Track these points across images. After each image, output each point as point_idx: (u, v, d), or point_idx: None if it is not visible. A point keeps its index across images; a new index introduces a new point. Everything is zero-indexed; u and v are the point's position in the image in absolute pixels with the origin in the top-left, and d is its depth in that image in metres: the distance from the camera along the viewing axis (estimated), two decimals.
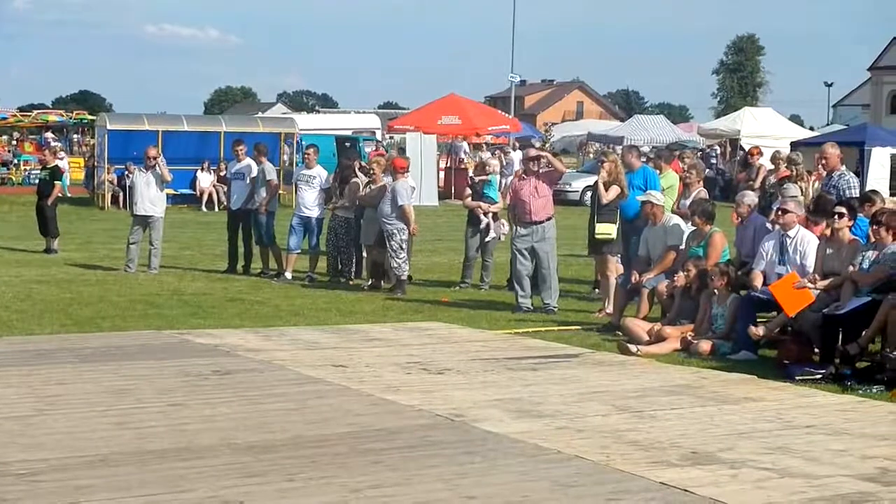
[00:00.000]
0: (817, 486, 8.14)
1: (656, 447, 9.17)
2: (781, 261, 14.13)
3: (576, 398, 11.07)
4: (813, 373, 12.30)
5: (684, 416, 10.42)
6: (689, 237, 15.46)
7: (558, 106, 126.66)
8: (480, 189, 19.97)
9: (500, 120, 48.34)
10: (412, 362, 12.84)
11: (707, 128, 59.18)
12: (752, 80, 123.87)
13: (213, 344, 13.81)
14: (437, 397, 10.96)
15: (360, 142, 47.08)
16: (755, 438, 9.55)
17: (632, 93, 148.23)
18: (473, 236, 19.61)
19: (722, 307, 14.14)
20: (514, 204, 17.50)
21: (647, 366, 13.02)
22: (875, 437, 9.72)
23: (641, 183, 17.38)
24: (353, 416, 10.19)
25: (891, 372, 11.92)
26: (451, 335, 14.95)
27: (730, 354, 13.53)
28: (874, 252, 13.21)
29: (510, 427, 9.79)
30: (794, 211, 14.39)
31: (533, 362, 12.99)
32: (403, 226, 18.89)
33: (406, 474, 8.25)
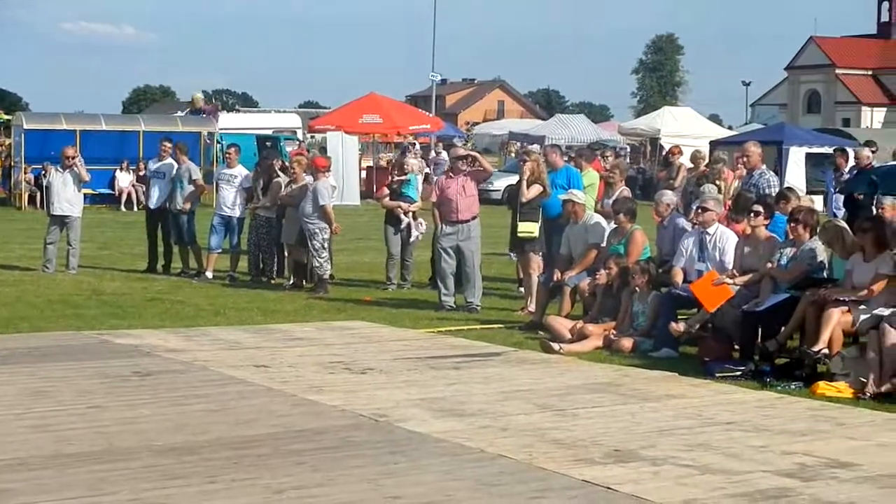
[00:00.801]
0: (737, 482, 8.22)
1: (579, 445, 9.21)
2: (701, 258, 14.26)
3: (499, 397, 11.09)
4: (733, 369, 12.41)
5: (606, 413, 10.47)
6: (610, 235, 15.55)
7: (479, 105, 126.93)
8: (399, 188, 19.95)
9: (421, 119, 48.31)
10: (335, 362, 12.80)
11: (627, 127, 59.61)
12: (671, 79, 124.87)
13: (134, 345, 13.68)
14: (360, 397, 10.93)
15: (281, 141, 46.86)
16: (676, 435, 9.62)
17: (552, 92, 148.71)
18: (396, 235, 19.58)
19: (643, 304, 14.23)
20: (440, 202, 17.50)
21: (569, 364, 13.07)
22: (794, 433, 9.82)
23: (564, 182, 17.46)
24: (275, 416, 10.14)
25: (809, 368, 12.05)
26: (373, 334, 14.93)
27: (651, 352, 13.62)
28: (792, 249, 13.36)
29: (433, 426, 9.78)
30: (713, 209, 14.52)
31: (456, 361, 12.99)
32: (325, 225, 18.84)
33: (330, 475, 8.22)
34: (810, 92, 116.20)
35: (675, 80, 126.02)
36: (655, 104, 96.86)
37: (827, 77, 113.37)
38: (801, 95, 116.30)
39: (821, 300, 12.25)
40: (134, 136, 40.95)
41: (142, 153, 39.50)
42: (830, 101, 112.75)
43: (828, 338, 11.94)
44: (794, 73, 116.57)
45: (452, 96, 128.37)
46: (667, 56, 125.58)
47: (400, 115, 46.26)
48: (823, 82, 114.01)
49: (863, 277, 12.31)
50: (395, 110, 46.57)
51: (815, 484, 8.21)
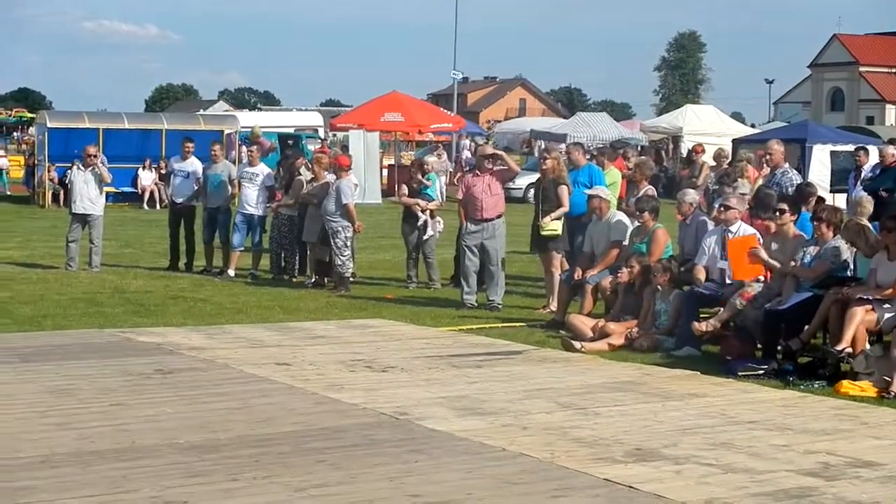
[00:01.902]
0: (760, 481, 8.19)
1: (600, 444, 9.19)
2: (723, 256, 14.21)
3: (520, 395, 11.07)
4: (755, 368, 12.37)
5: (628, 412, 10.45)
6: (633, 233, 15.52)
7: (501, 103, 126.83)
8: (419, 188, 19.94)
9: (442, 117, 48.30)
10: (356, 360, 12.80)
11: (649, 125, 59.48)
12: (693, 77, 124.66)
13: (156, 342, 13.70)
14: (381, 395, 10.93)
15: (303, 139, 46.90)
16: (698, 434, 9.59)
17: (574, 90, 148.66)
18: (411, 233, 19.58)
19: (665, 303, 14.20)
20: (466, 200, 17.51)
21: (591, 362, 13.05)
22: (817, 432, 9.79)
23: (587, 180, 17.46)
24: (296, 414, 10.14)
25: (832, 367, 12.00)
26: (395, 332, 14.92)
27: (673, 350, 13.59)
28: (816, 247, 13.30)
29: (455, 425, 9.77)
30: (736, 207, 14.48)
31: (477, 359, 12.98)
32: (347, 223, 18.86)
33: (350, 473, 8.22)
34: (834, 90, 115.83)
35: (698, 78, 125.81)
36: (678, 102, 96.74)
37: (850, 75, 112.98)
38: (825, 93, 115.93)
39: (844, 299, 12.20)
40: (157, 135, 41.00)
41: (164, 151, 39.56)
42: (854, 98, 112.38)
43: (851, 336, 11.89)
44: (817, 71, 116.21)
45: (474, 94, 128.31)
46: (689, 53, 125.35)
47: (421, 113, 46.25)
48: (847, 80, 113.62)
49: (887, 276, 12.25)
50: (417, 109, 46.55)
51: (838, 483, 8.18)
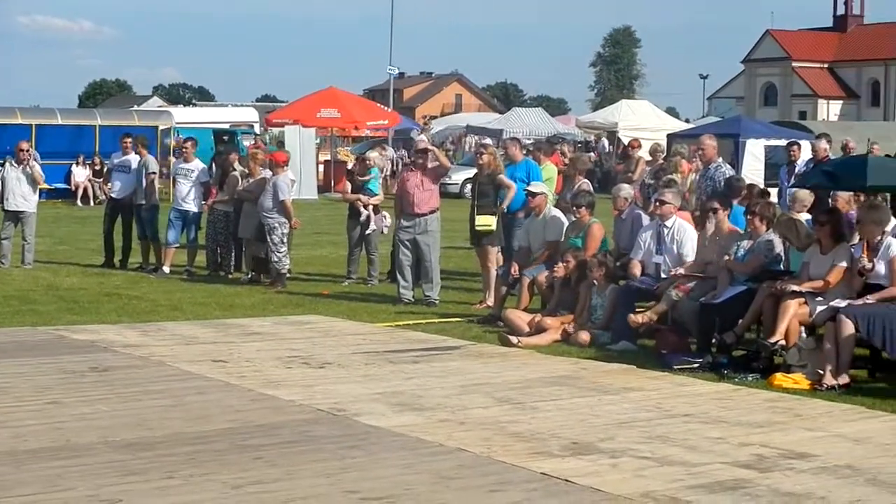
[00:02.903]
0: (695, 473, 8.25)
1: (537, 438, 9.22)
2: (659, 250, 14.30)
3: (457, 390, 11.09)
4: (690, 362, 12.46)
5: (564, 406, 10.49)
6: (569, 228, 15.56)
7: (437, 99, 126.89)
8: (361, 183, 19.90)
9: (378, 113, 48.22)
10: (293, 356, 12.77)
11: (585, 120, 59.68)
12: (628, 72, 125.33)
13: (91, 340, 13.60)
14: (318, 392, 10.91)
15: (238, 135, 46.69)
16: (635, 428, 9.65)
17: (510, 85, 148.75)
18: (354, 229, 19.55)
19: (601, 297, 14.26)
20: (399, 195, 17.55)
21: (527, 357, 13.08)
22: (751, 424, 9.87)
23: (524, 175, 17.49)
24: (233, 411, 10.10)
25: (766, 360, 12.11)
26: (331, 328, 14.90)
27: (609, 344, 13.65)
28: (749, 241, 13.42)
29: (392, 420, 9.77)
30: (671, 202, 14.56)
31: (414, 355, 12.98)
32: (284, 220, 18.81)
33: (288, 470, 8.20)
34: (767, 85, 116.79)
35: (633, 74, 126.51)
36: (613, 97, 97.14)
37: (783, 70, 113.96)
38: (758, 88, 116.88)
39: (778, 292, 12.30)
40: (90, 131, 40.70)
41: (98, 147, 39.26)
42: (787, 94, 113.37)
43: (784, 329, 12.00)
44: (750, 67, 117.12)
45: (410, 90, 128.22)
46: (624, 49, 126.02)
47: (357, 109, 46.14)
48: (780, 75, 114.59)
49: (819, 269, 12.37)
50: (353, 104, 46.44)
51: (772, 475, 8.26)
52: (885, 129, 41.06)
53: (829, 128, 36.75)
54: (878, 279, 11.95)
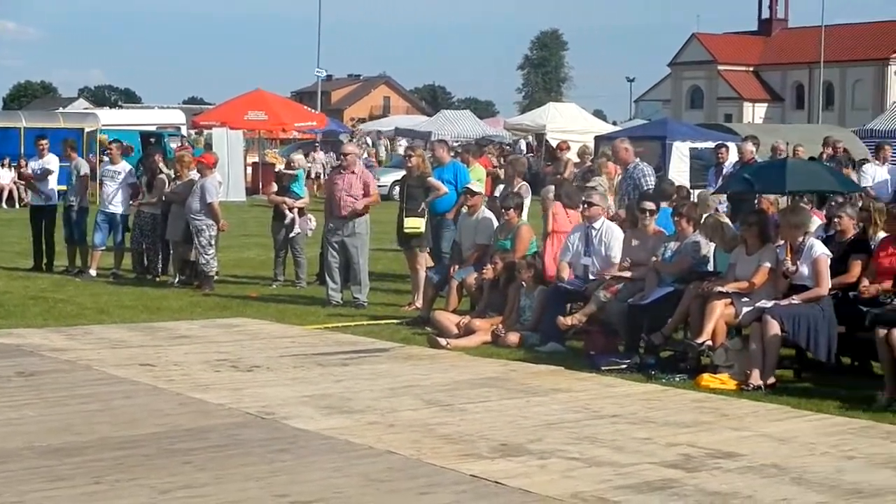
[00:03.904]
0: (624, 474, 8.30)
1: (466, 440, 9.24)
2: (587, 252, 14.36)
3: (386, 393, 11.09)
4: (618, 363, 12.53)
5: (493, 408, 10.52)
6: (498, 230, 15.60)
7: (365, 101, 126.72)
8: (287, 184, 19.85)
9: (306, 115, 48.12)
10: (221, 360, 12.71)
11: (513, 122, 59.86)
12: (556, 75, 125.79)
13: (16, 344, 13.46)
14: (246, 395, 10.87)
15: (165, 137, 46.36)
16: (563, 429, 9.69)
17: (438, 88, 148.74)
18: (279, 232, 19.48)
19: (529, 299, 14.31)
20: (327, 197, 17.55)
21: (456, 359, 13.10)
22: (678, 424, 9.94)
23: (451, 177, 17.52)
24: (161, 415, 10.04)
25: (693, 360, 12.21)
26: (260, 331, 14.84)
27: (538, 346, 13.69)
28: (676, 242, 13.51)
29: (321, 423, 9.76)
30: (599, 204, 14.63)
31: (343, 357, 12.96)
32: (212, 222, 18.71)
33: (217, 474, 8.16)
34: (693, 88, 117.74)
35: (560, 76, 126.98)
36: (541, 100, 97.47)
37: (709, 73, 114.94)
38: (684, 91, 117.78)
39: (704, 293, 12.40)
40: (15, 133, 40.29)
41: (23, 150, 38.83)
42: (713, 96, 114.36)
43: (711, 330, 12.09)
44: (676, 70, 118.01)
45: (338, 92, 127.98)
46: (552, 52, 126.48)
47: (285, 111, 46.04)
48: (706, 78, 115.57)
49: (745, 270, 12.48)
50: (281, 106, 46.31)
51: (699, 474, 8.32)
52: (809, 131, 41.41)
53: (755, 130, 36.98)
54: (803, 280, 12.07)
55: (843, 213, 12.93)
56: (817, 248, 12.14)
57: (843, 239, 12.74)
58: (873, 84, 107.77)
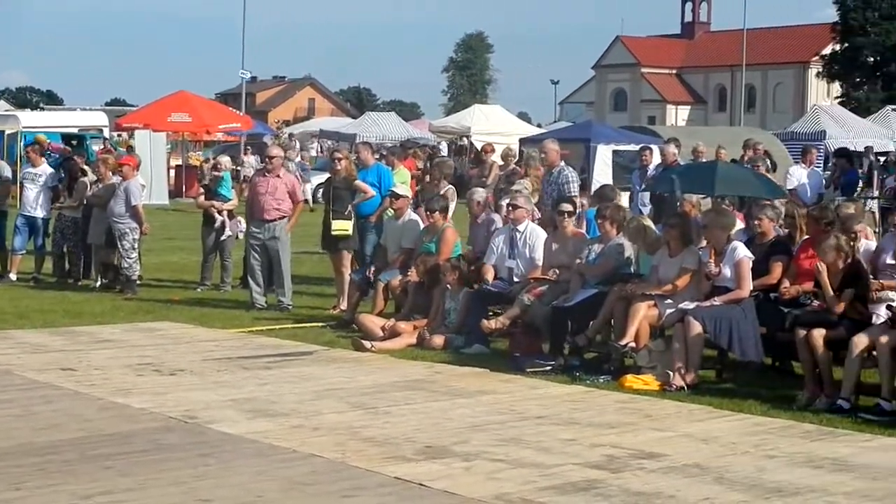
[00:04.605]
0: (548, 475, 8.34)
1: (391, 443, 9.24)
2: (511, 254, 14.40)
3: (311, 396, 11.06)
4: (543, 364, 12.57)
5: (418, 410, 10.52)
6: (423, 232, 15.61)
7: (290, 103, 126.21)
8: (214, 187, 19.74)
9: (231, 117, 47.87)
10: (144, 364, 12.61)
11: (438, 125, 59.89)
12: (481, 77, 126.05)
13: None
14: (169, 399, 10.79)
15: (88, 139, 45.94)
16: (488, 431, 9.71)
17: (363, 90, 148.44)
18: (209, 236, 19.36)
19: (454, 301, 14.32)
20: (249, 200, 17.48)
21: (381, 362, 13.09)
22: (602, 425, 10.00)
23: (375, 180, 17.50)
24: (82, 420, 9.95)
25: (617, 362, 12.28)
26: (183, 335, 14.74)
27: (463, 348, 13.71)
28: (600, 245, 13.58)
29: (245, 427, 9.72)
30: (523, 206, 14.68)
31: (267, 361, 12.92)
32: (135, 225, 18.57)
33: (139, 479, 8.10)
34: (617, 90, 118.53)
35: (485, 79, 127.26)
36: (466, 102, 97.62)
37: (633, 76, 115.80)
38: (608, 93, 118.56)
39: (628, 295, 12.48)
40: None
41: None
42: (636, 99, 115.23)
43: (634, 332, 12.16)
44: (601, 72, 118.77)
45: (263, 94, 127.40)
46: (477, 54, 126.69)
47: (210, 113, 45.77)
48: (629, 81, 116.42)
49: (668, 272, 12.57)
50: (205, 108, 46.04)
51: (623, 475, 8.38)
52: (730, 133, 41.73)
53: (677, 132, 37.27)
54: (725, 282, 12.18)
55: (762, 215, 13.07)
56: (740, 251, 12.26)
57: (763, 241, 12.87)
58: (794, 87, 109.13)
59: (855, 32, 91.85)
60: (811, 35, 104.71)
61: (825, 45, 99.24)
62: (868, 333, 10.71)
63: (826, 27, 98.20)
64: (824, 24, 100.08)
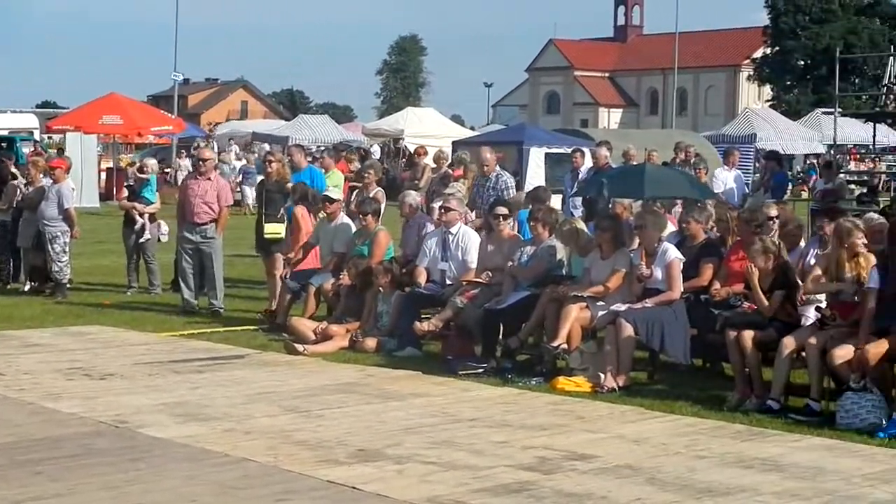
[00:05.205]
0: (481, 477, 8.36)
1: (324, 446, 9.23)
2: (444, 257, 14.42)
3: (243, 400, 11.02)
4: (475, 367, 12.59)
5: (351, 413, 10.51)
6: (355, 235, 15.58)
7: (222, 105, 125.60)
8: (138, 189, 19.62)
9: (163, 120, 47.61)
10: (74, 368, 12.51)
11: (371, 128, 59.84)
12: (414, 80, 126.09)
13: None
14: (100, 404, 10.72)
15: (17, 142, 45.51)
16: (421, 433, 9.72)
17: (296, 92, 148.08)
18: (130, 238, 19.26)
19: (387, 304, 14.31)
20: (180, 203, 17.38)
21: (313, 365, 13.06)
22: (534, 427, 10.03)
23: (307, 182, 17.45)
24: (11, 425, 9.86)
25: (549, 364, 12.32)
26: (114, 339, 14.64)
27: (395, 351, 13.71)
28: (532, 247, 13.63)
29: (176, 431, 9.67)
30: (456, 209, 14.70)
31: (199, 364, 12.85)
32: (67, 228, 18.42)
33: (69, 484, 8.04)
34: (550, 93, 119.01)
35: (419, 81, 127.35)
36: (399, 105, 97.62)
37: (566, 79, 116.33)
38: (541, 96, 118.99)
39: (560, 297, 12.52)
40: None
41: None
42: (569, 102, 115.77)
43: (566, 334, 12.21)
44: (534, 75, 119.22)
45: (195, 96, 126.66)
46: (410, 57, 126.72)
47: (141, 115, 45.49)
48: (562, 84, 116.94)
49: (600, 274, 12.63)
50: (137, 111, 45.77)
51: (555, 476, 8.41)
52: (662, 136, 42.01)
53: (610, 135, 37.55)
54: (657, 284, 12.26)
55: (690, 217, 13.17)
56: (671, 253, 12.35)
57: (693, 243, 12.96)
58: (726, 90, 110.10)
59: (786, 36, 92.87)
60: (743, 38, 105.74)
61: (756, 48, 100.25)
62: (797, 335, 10.83)
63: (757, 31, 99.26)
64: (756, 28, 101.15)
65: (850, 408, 10.11)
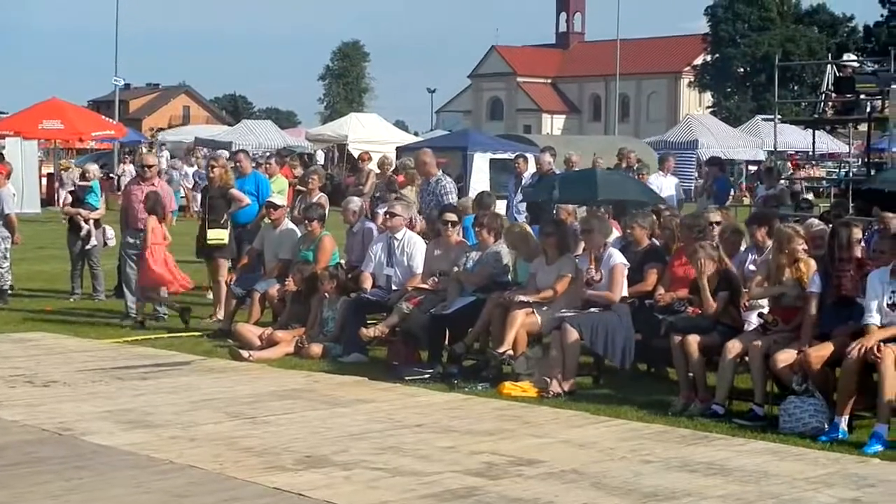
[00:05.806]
0: (427, 483, 8.36)
1: (270, 452, 9.20)
2: (390, 262, 14.41)
3: (188, 406, 10.96)
4: (421, 372, 12.59)
5: (297, 420, 10.49)
6: (300, 241, 15.55)
7: (164, 110, 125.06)
8: (81, 195, 19.48)
9: (104, 125, 47.24)
10: (16, 375, 12.40)
11: (314, 133, 59.72)
12: (357, 86, 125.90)
13: None
14: (42, 411, 10.63)
15: None
16: (367, 439, 9.70)
17: (239, 98, 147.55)
18: (75, 244, 19.10)
19: (332, 310, 14.28)
20: (123, 208, 17.29)
21: (259, 371, 13.01)
22: (481, 432, 10.04)
23: (253, 188, 17.44)
24: None
25: (495, 369, 12.33)
26: (56, 346, 14.52)
27: (341, 357, 13.68)
28: (478, 253, 13.64)
29: (120, 439, 9.60)
30: (401, 214, 14.70)
31: (143, 371, 12.77)
32: (7, 234, 18.26)
33: (12, 493, 7.97)
34: (493, 99, 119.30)
35: (362, 87, 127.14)
36: (342, 110, 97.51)
37: (508, 85, 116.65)
38: (485, 102, 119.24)
39: (505, 303, 12.55)
40: None
41: None
42: (512, 108, 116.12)
43: (512, 339, 12.23)
44: (477, 81, 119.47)
45: (136, 101, 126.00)
46: (353, 63, 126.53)
47: (82, 120, 45.11)
48: (505, 90, 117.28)
49: (546, 280, 12.67)
50: (77, 116, 45.37)
51: (502, 482, 8.43)
52: (605, 142, 42.25)
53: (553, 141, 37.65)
54: (602, 288, 12.31)
55: (634, 223, 13.23)
56: (616, 257, 12.41)
57: (637, 249, 13.03)
58: (667, 97, 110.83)
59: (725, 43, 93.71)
60: (683, 46, 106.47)
61: (697, 55, 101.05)
62: (741, 339, 10.91)
63: (698, 38, 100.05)
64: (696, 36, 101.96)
65: (794, 412, 10.20)
